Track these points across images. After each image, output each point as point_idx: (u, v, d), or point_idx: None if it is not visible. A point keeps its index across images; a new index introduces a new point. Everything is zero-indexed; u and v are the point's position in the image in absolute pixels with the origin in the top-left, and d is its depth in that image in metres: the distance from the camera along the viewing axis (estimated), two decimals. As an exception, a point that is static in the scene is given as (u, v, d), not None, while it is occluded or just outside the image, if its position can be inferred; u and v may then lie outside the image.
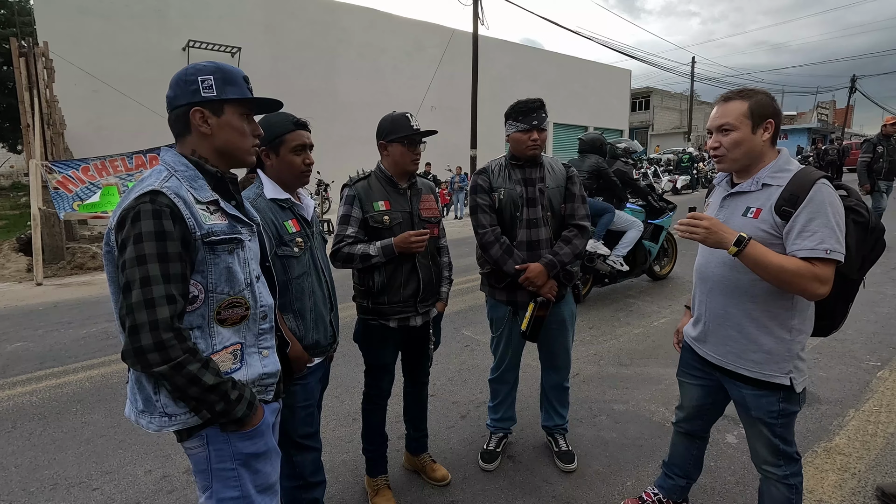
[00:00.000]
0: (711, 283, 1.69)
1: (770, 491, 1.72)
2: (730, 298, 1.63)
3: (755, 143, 1.54)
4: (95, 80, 12.94)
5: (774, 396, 1.61)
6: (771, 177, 1.54)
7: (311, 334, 1.69)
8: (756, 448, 1.72)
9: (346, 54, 17.85)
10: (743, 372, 1.63)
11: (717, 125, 1.58)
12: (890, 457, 2.50)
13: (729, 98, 1.58)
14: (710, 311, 1.71)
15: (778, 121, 1.56)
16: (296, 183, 1.73)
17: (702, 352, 1.78)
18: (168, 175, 1.16)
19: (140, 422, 1.18)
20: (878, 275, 5.86)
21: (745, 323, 1.61)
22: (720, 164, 1.63)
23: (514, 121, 2.24)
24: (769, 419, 1.63)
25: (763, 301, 1.57)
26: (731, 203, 1.64)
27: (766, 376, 1.59)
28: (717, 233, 1.46)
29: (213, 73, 1.19)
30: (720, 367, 1.71)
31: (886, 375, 3.38)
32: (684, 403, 1.97)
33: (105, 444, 2.85)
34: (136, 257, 1.05)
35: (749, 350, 1.61)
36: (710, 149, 1.63)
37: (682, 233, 1.53)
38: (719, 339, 1.69)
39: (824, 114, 41.27)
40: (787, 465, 1.66)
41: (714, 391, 1.84)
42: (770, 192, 1.53)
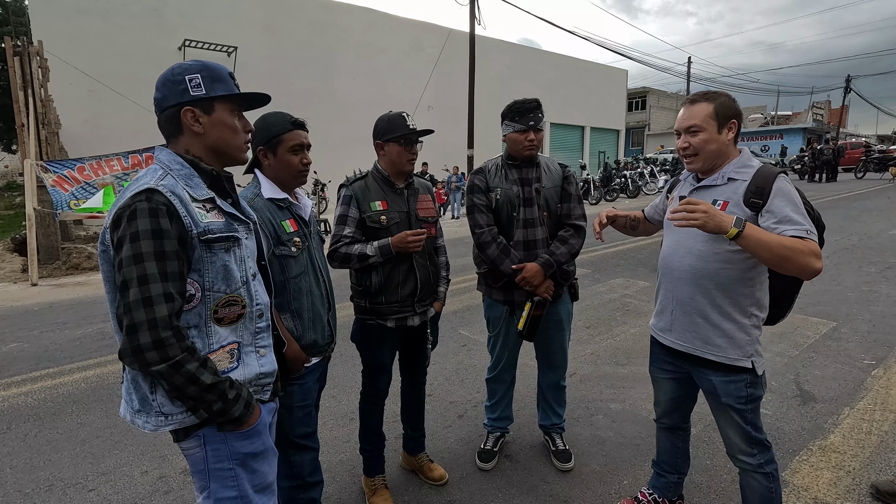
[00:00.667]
0: (679, 273, 1.75)
1: (749, 483, 1.76)
2: (696, 287, 1.70)
3: (721, 143, 1.64)
4: (91, 79, 12.88)
5: (742, 381, 1.68)
6: (735, 172, 1.64)
7: (308, 334, 1.69)
8: (729, 437, 1.77)
9: (343, 54, 17.82)
10: (710, 357, 1.70)
11: (686, 126, 1.67)
12: (884, 454, 2.51)
13: (695, 101, 1.67)
14: (677, 300, 1.77)
15: (740, 121, 1.67)
16: (293, 183, 1.73)
17: (668, 341, 1.83)
18: (164, 174, 1.15)
19: (136, 422, 1.17)
20: (873, 274, 5.90)
21: (710, 310, 1.68)
22: (691, 164, 1.71)
23: (511, 121, 2.25)
24: (738, 405, 1.69)
25: (728, 289, 1.65)
26: (697, 196, 1.71)
27: (731, 360, 1.67)
28: (716, 216, 1.45)
29: (200, 72, 1.19)
30: (688, 354, 1.77)
31: (881, 374, 3.40)
32: (660, 398, 2.02)
33: (101, 444, 2.85)
34: (132, 255, 1.05)
35: (714, 336, 1.68)
36: (680, 149, 1.71)
37: (679, 220, 1.50)
38: (685, 326, 1.75)
39: (819, 114, 41.44)
40: (761, 452, 1.72)
41: (685, 382, 1.90)
42: (735, 186, 1.62)
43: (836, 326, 4.31)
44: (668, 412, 2.01)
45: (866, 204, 12.50)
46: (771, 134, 34.09)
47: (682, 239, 1.73)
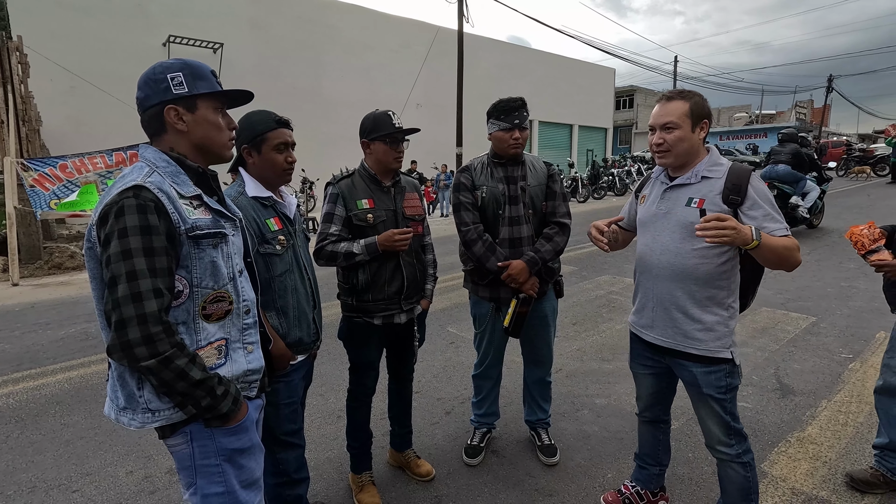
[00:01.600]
0: (657, 271, 1.78)
1: (727, 473, 1.82)
2: (675, 283, 1.74)
3: (694, 141, 1.69)
4: (73, 75, 12.64)
5: (721, 371, 1.74)
6: (708, 170, 1.70)
7: (294, 332, 1.70)
8: (709, 428, 1.81)
9: (332, 51, 17.70)
10: (691, 350, 1.74)
11: (662, 123, 1.69)
12: (859, 444, 2.59)
13: (671, 98, 1.70)
14: (656, 297, 1.80)
15: (710, 121, 1.72)
16: (278, 181, 1.73)
17: (649, 337, 1.86)
18: (150, 171, 1.16)
19: (121, 419, 1.17)
20: (852, 270, 6.04)
21: (690, 305, 1.73)
22: (663, 159, 1.74)
23: (496, 119, 2.27)
24: (719, 395, 1.74)
25: (704, 283, 1.70)
26: (672, 195, 1.76)
27: (711, 352, 1.72)
28: (742, 232, 1.48)
29: (182, 70, 1.19)
30: (669, 349, 1.80)
31: (857, 367, 3.49)
32: (641, 393, 2.06)
33: (85, 445, 2.82)
34: (121, 252, 1.05)
35: (695, 329, 1.73)
36: (654, 145, 1.73)
37: (712, 237, 1.47)
38: (666, 322, 1.79)
39: (802, 113, 42.12)
40: (738, 443, 1.77)
41: (665, 376, 1.95)
42: (710, 184, 1.68)
43: (816, 321, 4.41)
44: (650, 406, 2.05)
45: (846, 202, 12.76)
46: (755, 133, 34.58)
47: (658, 236, 1.77)
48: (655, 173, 1.89)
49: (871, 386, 3.21)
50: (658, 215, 1.79)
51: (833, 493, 2.24)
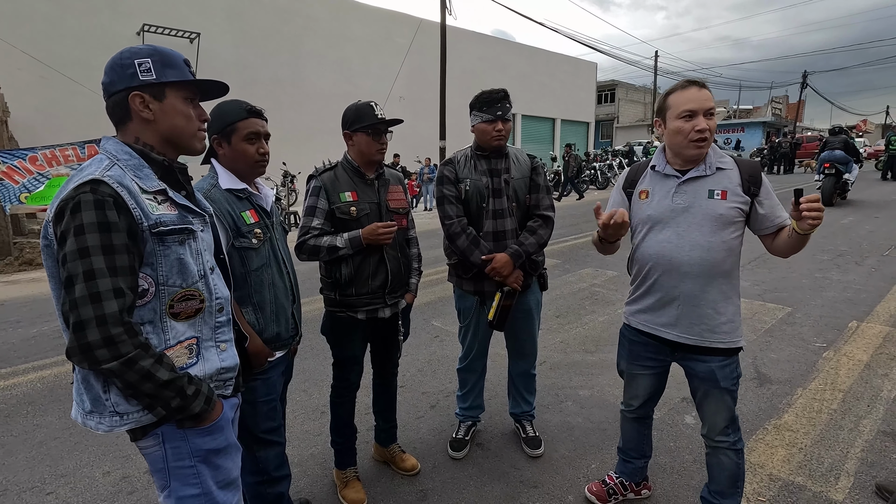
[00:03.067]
0: (686, 268, 1.70)
1: (721, 460, 1.84)
2: (706, 279, 1.69)
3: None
4: (42, 64, 12.20)
5: (734, 363, 1.77)
6: (720, 162, 1.70)
7: (271, 327, 1.66)
8: (716, 421, 1.80)
9: (311, 43, 17.41)
10: (717, 345, 1.73)
11: (708, 108, 1.60)
12: (833, 431, 2.66)
13: (703, 86, 1.63)
14: (684, 294, 1.72)
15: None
16: (250, 173, 1.68)
17: (672, 336, 1.78)
18: (110, 164, 1.10)
19: (88, 424, 1.13)
20: (826, 262, 6.20)
21: (719, 299, 1.71)
22: (702, 148, 1.64)
23: (479, 111, 2.25)
24: (732, 386, 1.77)
25: (728, 275, 1.72)
26: (688, 188, 1.71)
27: (734, 342, 1.74)
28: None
29: (151, 56, 1.14)
30: (692, 346, 1.75)
31: (831, 356, 3.59)
32: (638, 393, 2.00)
33: (59, 446, 2.74)
34: (77, 250, 1.00)
35: (721, 323, 1.72)
36: (697, 131, 1.59)
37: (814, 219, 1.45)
38: (693, 319, 1.73)
39: (778, 108, 43.02)
40: (734, 431, 1.81)
41: (663, 375, 1.96)
42: (727, 175, 1.68)
43: (792, 312, 4.52)
44: (643, 404, 2.02)
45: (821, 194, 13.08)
46: (733, 127, 35.22)
47: (686, 232, 1.68)
48: (658, 166, 1.79)
49: (843, 374, 3.30)
50: (677, 210, 1.71)
51: (809, 478, 2.30)
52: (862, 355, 3.58)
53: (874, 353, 3.61)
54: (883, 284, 5.24)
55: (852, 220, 9.15)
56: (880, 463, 2.38)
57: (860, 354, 3.59)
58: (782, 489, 2.23)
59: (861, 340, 3.84)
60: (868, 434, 2.63)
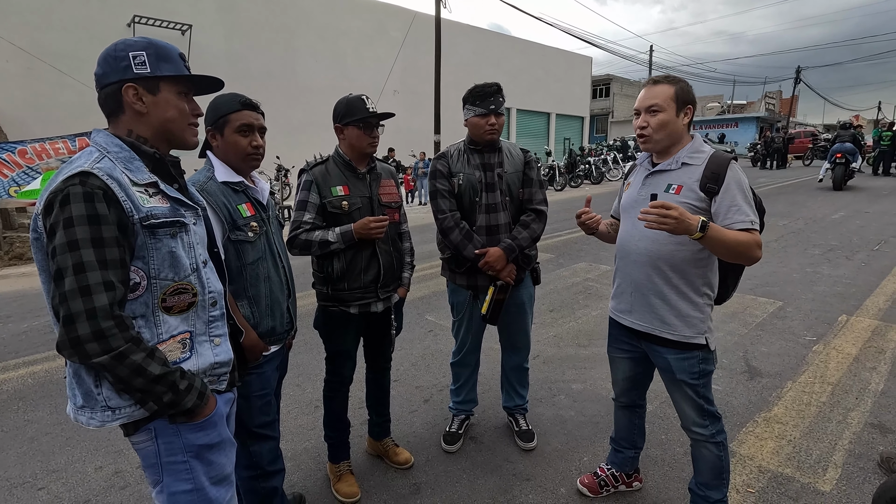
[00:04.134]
0: (635, 257, 1.80)
1: (701, 453, 1.87)
2: (653, 269, 1.76)
3: (678, 126, 1.69)
4: (30, 56, 12.02)
5: (694, 358, 1.77)
6: (689, 157, 1.70)
7: (266, 321, 1.66)
8: (684, 411, 1.85)
9: (305, 35, 17.26)
10: (668, 336, 1.77)
11: (647, 105, 1.69)
12: (822, 423, 2.70)
13: (657, 81, 1.70)
14: (634, 282, 1.82)
15: (695, 108, 1.72)
16: (244, 166, 1.67)
17: (628, 322, 1.88)
18: (100, 156, 1.09)
19: (79, 419, 1.12)
20: (817, 256, 6.25)
21: (667, 291, 1.75)
22: (646, 143, 1.74)
23: (472, 105, 2.24)
24: (692, 380, 1.78)
25: (682, 270, 1.72)
26: (652, 181, 1.78)
27: (686, 338, 1.75)
28: (685, 221, 1.48)
29: (146, 49, 1.13)
30: (646, 334, 1.83)
31: (820, 349, 3.63)
32: (618, 377, 2.08)
33: (51, 441, 2.72)
34: (66, 243, 0.99)
35: (671, 315, 1.75)
36: (638, 128, 1.73)
37: (652, 222, 1.49)
38: (644, 308, 1.81)
39: (772, 103, 43.17)
40: (712, 423, 1.82)
41: (641, 361, 1.97)
42: (690, 171, 1.69)
43: (782, 306, 4.56)
44: (626, 390, 2.08)
45: (812, 190, 13.18)
46: (726, 122, 35.36)
47: (637, 223, 1.73)
48: (640, 159, 1.89)
49: (833, 367, 3.34)
50: (638, 201, 1.79)
51: (797, 469, 2.33)
52: (851, 349, 3.62)
53: (863, 346, 3.66)
54: (872, 279, 5.29)
55: (843, 215, 9.23)
56: (868, 455, 2.42)
57: (849, 348, 3.63)
58: (771, 480, 2.26)
59: (850, 334, 3.88)
60: (856, 426, 2.66)
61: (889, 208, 9.78)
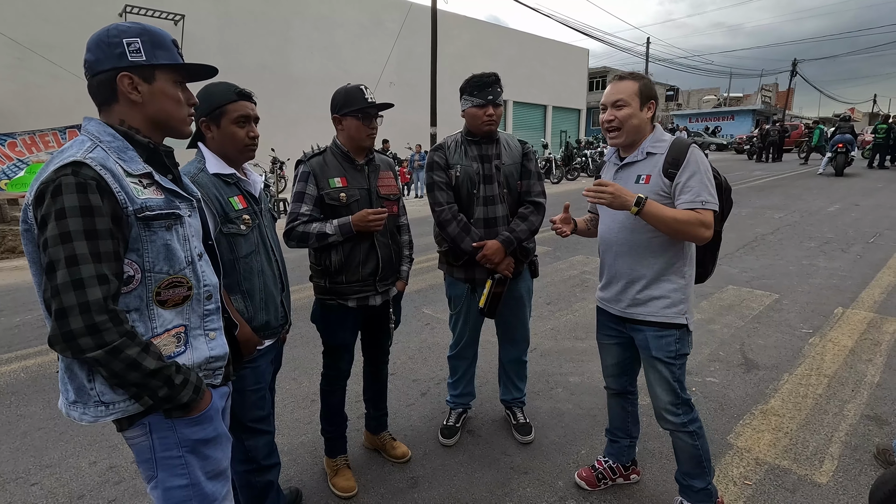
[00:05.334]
0: (616, 247, 1.88)
1: (677, 443, 1.92)
2: (634, 257, 1.84)
3: (642, 119, 1.77)
4: (20, 47, 11.83)
5: (671, 336, 1.82)
6: (652, 146, 1.79)
7: (260, 315, 1.63)
8: (657, 393, 1.89)
9: (299, 26, 17.06)
10: (650, 319, 1.82)
11: (612, 100, 1.77)
12: (818, 415, 2.71)
13: (623, 78, 1.79)
14: (619, 272, 1.89)
15: (657, 103, 1.81)
16: (240, 157, 1.64)
17: (615, 310, 1.94)
18: (92, 145, 1.06)
19: (72, 414, 1.09)
20: (812, 249, 6.27)
21: (649, 276, 1.82)
22: (614, 137, 1.81)
23: (470, 96, 2.21)
24: (667, 359, 1.82)
25: (661, 254, 1.80)
26: (622, 174, 1.85)
27: (668, 318, 1.81)
28: (621, 196, 1.64)
29: (140, 36, 1.09)
30: (630, 318, 1.89)
31: (817, 342, 3.64)
32: (607, 363, 2.13)
33: (44, 436, 2.70)
34: (58, 235, 0.96)
35: (655, 299, 1.82)
36: (605, 122, 1.81)
37: (592, 198, 1.69)
38: (628, 295, 1.88)
39: (768, 96, 43.17)
40: (685, 412, 1.86)
41: (629, 346, 2.01)
42: (655, 160, 1.77)
43: (779, 298, 4.58)
44: (616, 376, 2.11)
45: (808, 183, 13.22)
46: (723, 115, 35.36)
47: (615, 215, 1.85)
48: (608, 155, 1.97)
49: (829, 359, 3.35)
50: None
51: (794, 461, 2.33)
52: (847, 341, 3.63)
53: (859, 338, 3.67)
54: (868, 271, 5.32)
55: (839, 207, 9.26)
56: (864, 446, 2.43)
57: (845, 340, 3.65)
58: (768, 473, 2.27)
59: (846, 326, 3.90)
60: (852, 418, 2.67)
61: (884, 201, 9.82)
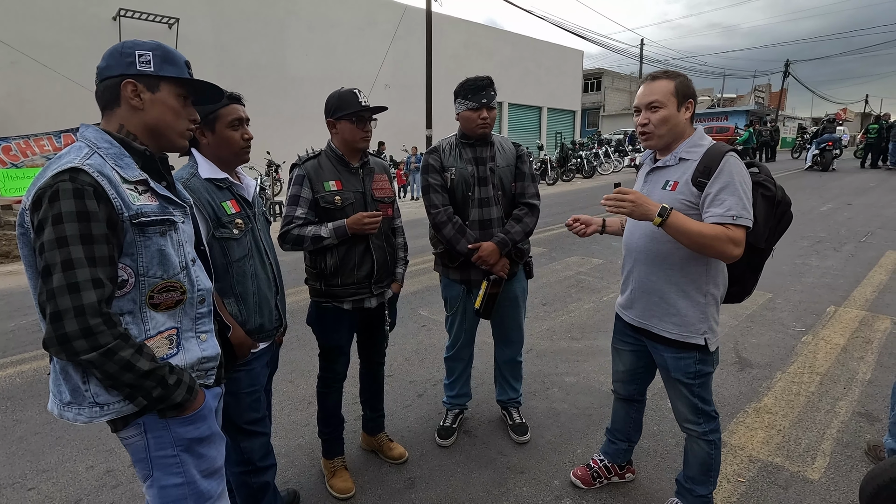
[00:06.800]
0: (636, 254, 1.81)
1: (692, 447, 1.88)
2: (653, 267, 1.75)
3: (679, 121, 1.66)
4: (13, 49, 11.77)
5: (691, 358, 1.75)
6: (686, 152, 1.67)
7: (254, 318, 1.64)
8: (678, 407, 1.86)
9: (295, 27, 17.06)
10: (664, 334, 1.76)
11: (647, 102, 1.66)
12: (810, 413, 2.74)
13: (656, 77, 1.67)
14: (637, 279, 1.82)
15: (696, 101, 1.69)
16: (235, 160, 1.65)
17: (628, 317, 1.90)
18: (90, 152, 1.08)
19: (65, 415, 1.11)
20: (805, 248, 6.32)
21: (667, 289, 1.73)
22: (647, 141, 1.71)
23: (464, 99, 2.23)
24: (687, 380, 1.77)
25: (682, 268, 1.69)
26: (652, 178, 1.76)
27: (684, 337, 1.73)
28: (642, 205, 1.53)
29: (153, 50, 1.15)
30: (645, 330, 1.84)
31: (809, 340, 3.68)
32: (619, 368, 2.09)
33: (40, 441, 2.69)
34: (55, 239, 0.98)
35: (670, 314, 1.74)
36: (639, 125, 1.70)
37: (610, 207, 1.56)
38: (644, 305, 1.81)
39: (761, 96, 43.44)
40: (706, 422, 1.81)
41: (644, 355, 1.97)
42: (686, 166, 1.65)
43: (772, 297, 4.62)
44: (626, 382, 2.08)
45: (800, 182, 13.32)
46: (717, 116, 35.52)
47: (639, 222, 1.74)
48: (643, 157, 1.88)
49: (821, 357, 3.39)
50: None
51: (787, 458, 2.36)
52: (839, 339, 3.67)
53: (851, 336, 3.71)
54: (860, 270, 5.37)
55: (831, 207, 9.34)
56: (855, 443, 2.46)
57: (837, 338, 3.69)
58: (761, 470, 2.29)
59: (838, 325, 3.94)
60: (844, 415, 2.71)
61: (875, 200, 9.91)
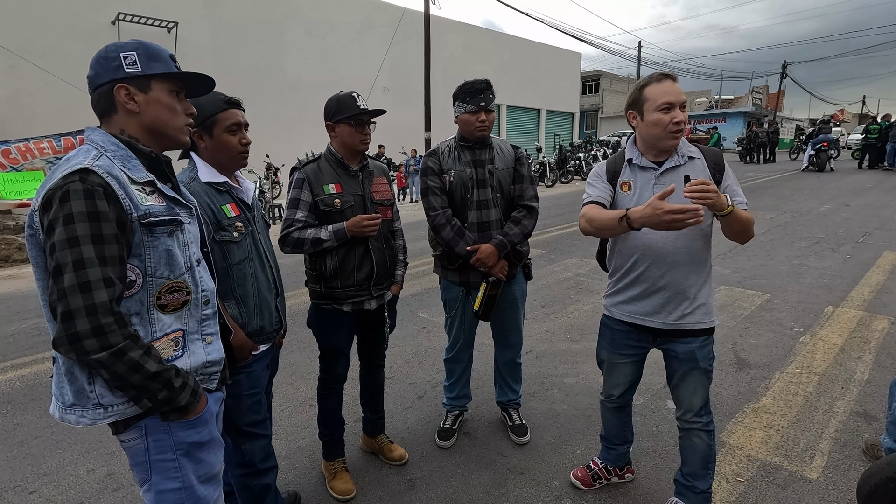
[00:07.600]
0: (672, 257, 1.75)
1: (693, 442, 1.90)
2: (689, 266, 1.78)
3: None
4: (12, 54, 11.79)
5: (711, 343, 1.85)
6: (690, 151, 1.79)
7: (254, 321, 1.65)
8: (693, 401, 1.87)
9: (293, 31, 17.10)
10: (700, 327, 1.80)
11: (682, 101, 1.69)
12: (808, 413, 2.75)
13: (674, 78, 1.74)
14: (671, 283, 1.77)
15: None
16: (233, 165, 1.67)
17: (653, 323, 1.83)
18: (98, 154, 1.09)
19: (68, 418, 1.11)
20: (803, 249, 6.35)
21: (700, 283, 1.80)
22: (678, 139, 1.73)
23: (462, 102, 2.24)
24: (709, 365, 1.84)
25: (705, 261, 1.81)
26: (667, 179, 1.75)
27: (710, 323, 1.82)
28: (721, 196, 1.55)
29: (136, 49, 1.14)
30: (679, 330, 1.81)
31: (807, 340, 3.69)
32: (618, 381, 2.03)
33: (41, 444, 2.70)
34: (66, 239, 0.99)
35: (697, 305, 1.80)
36: (674, 123, 1.67)
37: (697, 198, 1.49)
38: (677, 306, 1.79)
39: (758, 98, 43.53)
40: (708, 412, 1.89)
41: (642, 362, 2.01)
42: (696, 164, 1.78)
43: (770, 298, 4.63)
44: (624, 393, 2.06)
45: (798, 183, 13.36)
46: (715, 117, 35.59)
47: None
48: (634, 159, 1.81)
49: (819, 358, 3.40)
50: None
51: (785, 458, 2.37)
52: (837, 339, 3.69)
53: (848, 336, 3.73)
54: (857, 270, 5.39)
55: (829, 208, 9.37)
56: (853, 442, 2.47)
57: (835, 338, 3.70)
58: (760, 469, 2.30)
59: (836, 325, 3.95)
60: (842, 415, 2.72)
61: (872, 201, 9.95)
